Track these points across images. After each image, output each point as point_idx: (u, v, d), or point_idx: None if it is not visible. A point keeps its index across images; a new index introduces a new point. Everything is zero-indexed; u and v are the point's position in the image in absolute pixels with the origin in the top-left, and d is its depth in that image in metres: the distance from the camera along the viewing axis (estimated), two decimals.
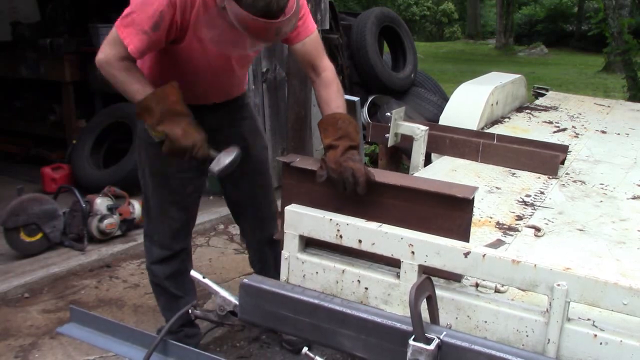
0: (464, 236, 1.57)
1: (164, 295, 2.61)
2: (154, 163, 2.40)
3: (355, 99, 3.27)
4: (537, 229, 2.02)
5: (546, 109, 4.03)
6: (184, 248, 2.59)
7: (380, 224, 1.57)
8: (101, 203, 3.90)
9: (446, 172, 2.68)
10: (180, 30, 2.03)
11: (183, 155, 2.00)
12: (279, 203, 2.02)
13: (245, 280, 1.59)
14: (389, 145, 3.02)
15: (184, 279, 2.54)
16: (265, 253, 2.73)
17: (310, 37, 2.19)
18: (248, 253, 2.88)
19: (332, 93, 2.11)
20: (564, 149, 2.84)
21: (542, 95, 4.61)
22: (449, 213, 1.59)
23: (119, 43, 1.97)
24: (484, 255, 1.41)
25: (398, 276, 1.54)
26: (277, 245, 2.12)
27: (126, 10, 2.00)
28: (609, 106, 4.29)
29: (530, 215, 2.18)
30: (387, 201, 1.68)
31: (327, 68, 2.19)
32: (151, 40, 1.98)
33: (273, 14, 1.81)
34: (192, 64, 2.18)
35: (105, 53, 2.00)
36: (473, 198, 1.57)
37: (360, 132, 1.94)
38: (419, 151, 2.84)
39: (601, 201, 2.36)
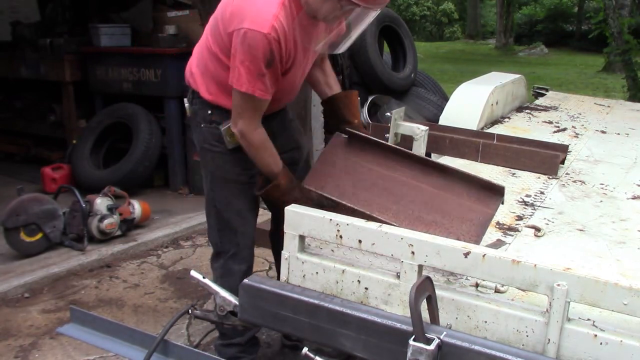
0: (481, 231, 1.57)
1: None
2: (226, 172, 2.29)
3: None
4: (537, 229, 2.02)
5: (546, 109, 4.03)
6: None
7: (380, 224, 1.57)
8: (101, 203, 3.91)
9: None
10: (292, 54, 2.06)
11: None
12: None
13: (246, 281, 1.59)
14: None
15: None
16: None
17: None
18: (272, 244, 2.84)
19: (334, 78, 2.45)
20: (564, 149, 2.84)
21: (542, 95, 4.61)
22: (475, 206, 1.59)
23: (246, 105, 2.03)
24: (484, 255, 1.41)
25: (398, 276, 1.54)
26: None
27: (235, 63, 1.98)
28: (609, 106, 4.28)
29: (530, 215, 2.18)
30: (416, 183, 1.68)
31: (325, 56, 2.45)
32: (270, 78, 2.01)
33: None
34: (295, 77, 2.22)
35: (240, 126, 2.07)
36: (504, 192, 1.58)
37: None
38: (419, 151, 2.83)
39: (601, 201, 2.36)
